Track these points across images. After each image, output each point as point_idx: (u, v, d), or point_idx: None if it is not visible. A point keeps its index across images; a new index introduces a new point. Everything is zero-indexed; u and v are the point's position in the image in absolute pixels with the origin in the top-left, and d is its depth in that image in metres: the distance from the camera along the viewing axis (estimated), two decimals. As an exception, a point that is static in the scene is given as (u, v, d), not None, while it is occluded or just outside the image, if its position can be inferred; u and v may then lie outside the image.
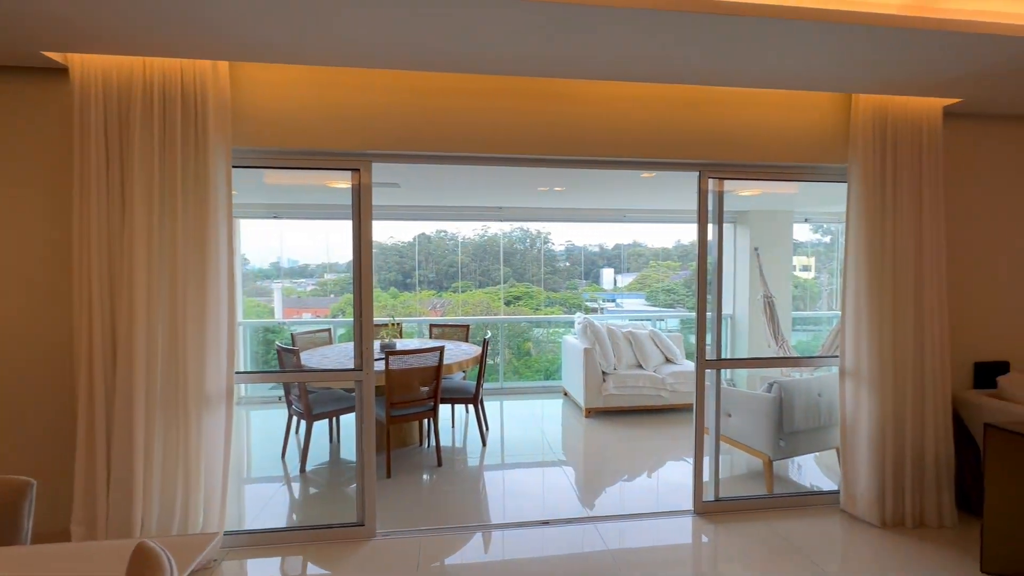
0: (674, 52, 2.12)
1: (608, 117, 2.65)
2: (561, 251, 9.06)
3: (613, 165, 2.78)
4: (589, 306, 8.77)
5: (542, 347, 7.46)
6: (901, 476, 2.71)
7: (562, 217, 6.01)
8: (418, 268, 8.58)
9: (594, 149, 2.64)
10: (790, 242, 5.50)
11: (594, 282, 9.17)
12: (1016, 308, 3.04)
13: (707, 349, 2.89)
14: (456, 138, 2.53)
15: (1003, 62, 2.23)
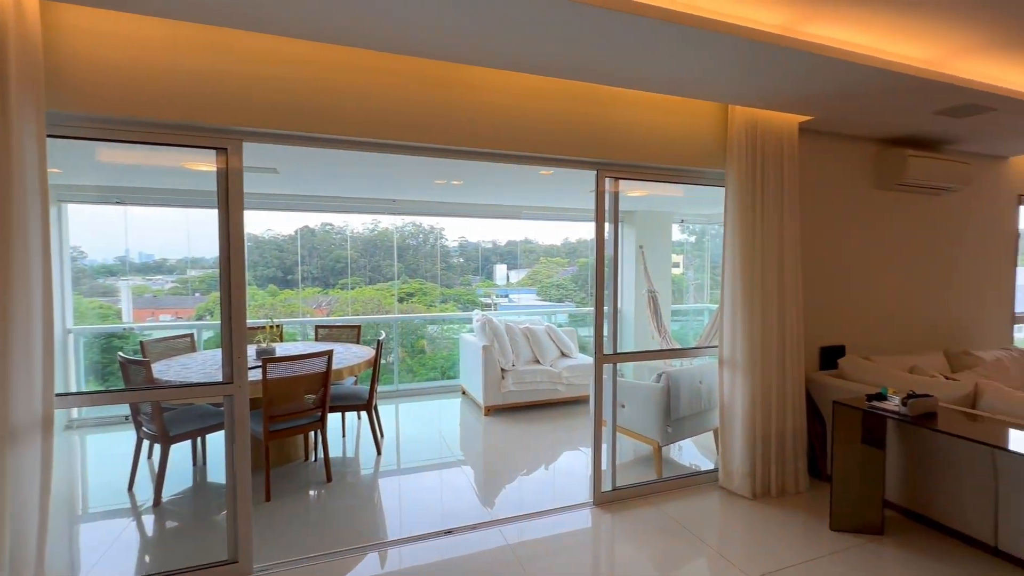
0: (568, 44, 2.11)
1: (512, 110, 2.58)
2: (455, 247, 8.95)
3: (515, 160, 2.72)
4: (483, 302, 8.78)
5: (437, 344, 7.28)
6: (768, 451, 3.03)
7: (458, 212, 5.88)
8: (301, 264, 7.89)
9: (496, 142, 2.55)
10: (670, 241, 5.97)
11: (487, 278, 9.21)
12: (851, 300, 3.57)
13: (604, 343, 2.97)
14: (347, 120, 2.28)
15: (847, 85, 2.56)
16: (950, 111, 2.93)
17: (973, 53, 2.41)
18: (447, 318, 7.42)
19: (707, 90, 2.64)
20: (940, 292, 3.95)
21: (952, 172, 3.55)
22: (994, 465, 2.37)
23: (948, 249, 3.96)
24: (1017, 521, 2.31)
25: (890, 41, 2.31)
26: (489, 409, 4.68)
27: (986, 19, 2.08)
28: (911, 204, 3.77)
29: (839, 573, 2.31)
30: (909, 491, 2.75)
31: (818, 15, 2.08)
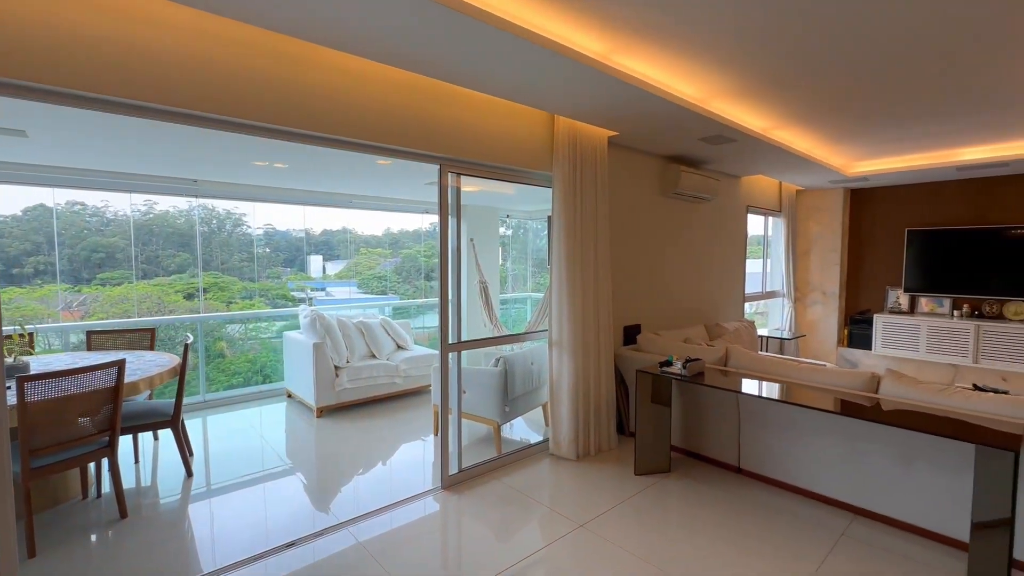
0: (409, 35, 2.14)
1: (357, 96, 2.47)
2: (260, 235, 8.01)
3: (356, 147, 2.61)
4: (296, 296, 8.08)
5: (239, 346, 6.45)
6: (588, 418, 3.54)
7: (271, 197, 5.30)
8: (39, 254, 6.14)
9: (333, 126, 2.42)
10: (497, 235, 6.36)
11: (301, 270, 8.50)
12: (643, 287, 4.34)
13: (449, 333, 3.08)
14: (140, 82, 1.91)
15: (643, 109, 3.11)
16: (708, 139, 3.78)
17: (724, 96, 3.17)
18: (263, 315, 6.65)
19: (536, 99, 2.92)
20: (701, 279, 5.08)
21: (708, 185, 4.59)
22: (738, 406, 3.20)
23: (705, 245, 5.10)
24: (751, 446, 3.16)
25: (674, 79, 2.89)
26: (322, 410, 4.39)
27: (730, 72, 2.76)
28: (682, 209, 4.75)
29: (642, 506, 2.85)
30: (686, 435, 3.52)
31: (626, 48, 2.50)
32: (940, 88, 2.94)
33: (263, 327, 6.42)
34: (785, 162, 4.73)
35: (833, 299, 6.54)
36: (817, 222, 6.63)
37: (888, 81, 2.82)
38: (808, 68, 2.65)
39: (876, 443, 2.64)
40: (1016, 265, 5.34)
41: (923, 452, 2.50)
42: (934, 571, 2.28)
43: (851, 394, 2.70)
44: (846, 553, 2.42)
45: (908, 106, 3.27)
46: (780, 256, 6.48)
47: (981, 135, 4.08)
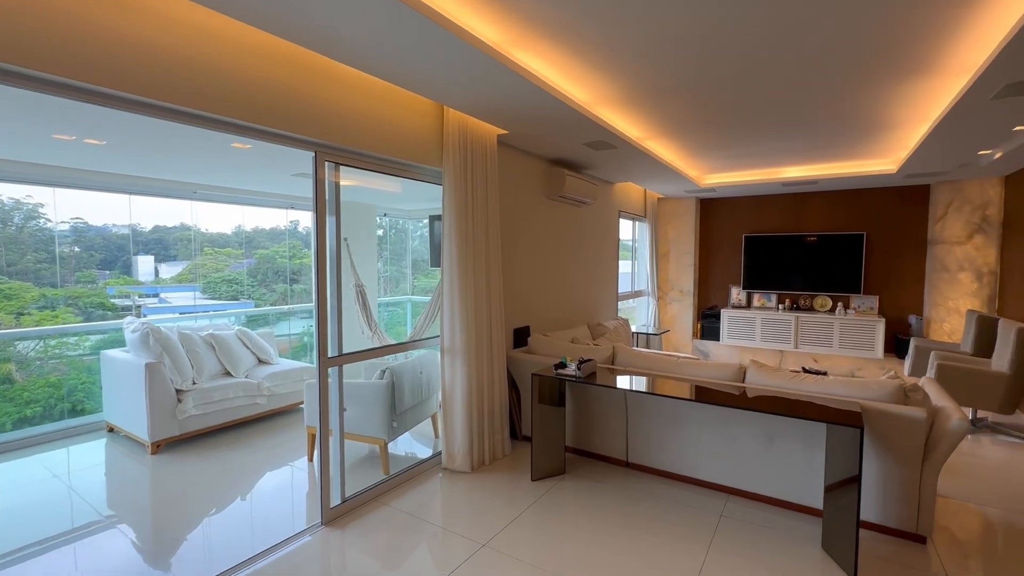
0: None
1: (206, 56, 2.00)
2: (65, 231, 6.46)
3: (205, 123, 2.13)
4: (119, 304, 6.71)
5: (35, 368, 5.11)
6: (482, 426, 3.39)
7: (80, 183, 4.25)
8: None
9: (172, 93, 1.93)
10: (375, 234, 5.91)
11: (124, 273, 7.06)
12: (531, 287, 4.33)
13: (329, 345, 2.69)
14: None
15: (534, 107, 3.06)
16: (592, 144, 3.89)
17: (609, 103, 3.26)
18: (68, 330, 5.31)
19: (427, 86, 2.69)
20: (583, 280, 5.26)
21: (589, 190, 4.76)
22: (625, 403, 3.31)
23: (585, 247, 5.30)
24: (638, 440, 3.30)
25: (566, 82, 2.87)
26: (159, 445, 3.60)
27: (617, 79, 2.84)
28: (565, 212, 4.86)
29: (541, 514, 2.79)
30: (578, 435, 3.56)
31: (523, 42, 2.40)
32: (777, 116, 3.36)
33: (71, 343, 5.14)
34: (653, 171, 5.11)
35: (688, 296, 7.31)
36: (674, 227, 7.35)
37: (739, 104, 3.14)
38: (679, 84, 2.82)
39: (744, 427, 2.91)
40: (819, 265, 6.47)
41: (782, 432, 2.81)
42: (796, 538, 2.56)
43: (723, 384, 2.94)
44: (727, 532, 2.61)
45: (751, 128, 3.71)
46: (645, 258, 7.05)
47: (800, 157, 4.82)
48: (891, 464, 2.53)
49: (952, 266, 5.70)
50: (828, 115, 3.42)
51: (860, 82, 2.82)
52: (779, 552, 2.45)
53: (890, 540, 2.55)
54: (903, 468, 2.50)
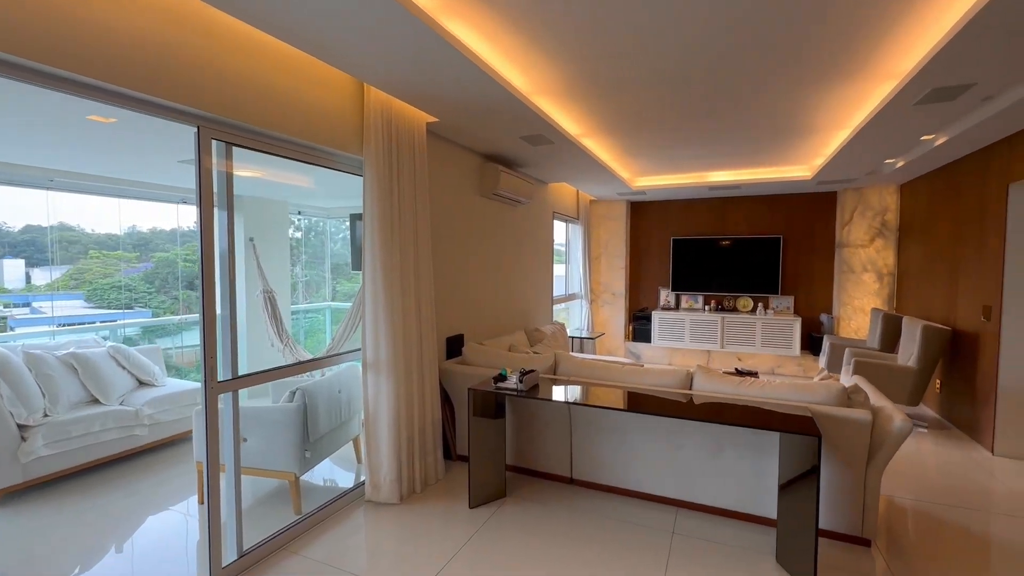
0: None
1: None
2: None
3: (42, 79, 1.60)
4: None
5: None
6: (412, 449, 3.00)
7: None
8: None
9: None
10: (287, 234, 5.28)
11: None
12: (464, 293, 3.99)
13: (219, 367, 2.19)
14: None
15: (470, 88, 2.74)
16: (529, 138, 3.64)
17: (548, 94, 3.02)
18: None
19: (341, 55, 2.28)
20: (519, 283, 5.00)
21: (525, 188, 4.51)
22: (569, 415, 3.08)
23: (521, 249, 5.05)
24: (582, 455, 3.07)
25: (505, 64, 2.59)
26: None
27: (558, 66, 2.60)
28: (501, 212, 4.58)
29: (481, 550, 2.46)
30: (520, 452, 3.28)
31: (455, 9, 2.08)
32: (710, 118, 3.31)
33: None
34: (589, 171, 4.97)
35: (620, 299, 7.31)
36: (606, 230, 7.33)
37: (674, 104, 3.03)
38: (620, 79, 2.64)
39: (692, 437, 2.78)
40: (741, 267, 6.72)
41: (731, 440, 2.70)
42: (751, 552, 2.44)
43: (671, 392, 2.78)
44: (682, 552, 2.43)
45: (684, 129, 3.65)
46: (578, 260, 6.96)
47: (727, 161, 4.91)
48: (838, 468, 2.48)
49: (857, 267, 6.11)
50: (757, 118, 3.42)
51: (790, 85, 2.80)
52: (734, 569, 2.31)
53: (838, 545, 2.51)
54: (849, 471, 2.46)
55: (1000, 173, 3.68)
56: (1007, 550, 2.50)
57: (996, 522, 2.76)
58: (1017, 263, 3.53)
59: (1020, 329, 3.53)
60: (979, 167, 4.00)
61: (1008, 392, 3.58)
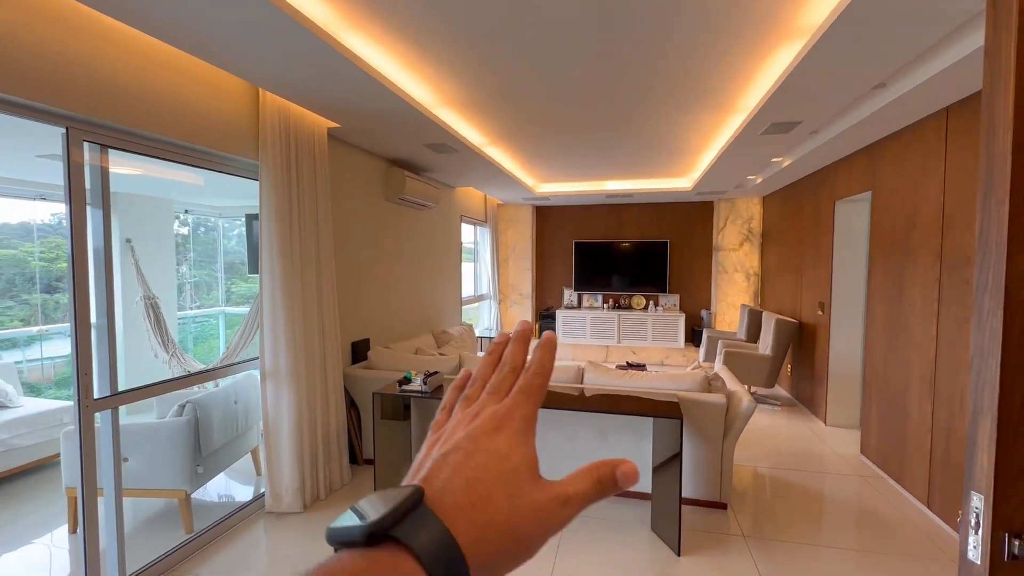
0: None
1: None
2: None
3: None
4: None
5: None
6: (315, 457, 2.98)
7: None
8: None
9: None
10: (172, 235, 4.88)
11: None
12: (370, 297, 4.00)
13: (95, 382, 2.06)
14: None
15: (370, 101, 2.80)
16: (433, 146, 3.74)
17: (452, 105, 3.15)
18: None
19: (235, 62, 2.24)
20: (425, 286, 5.07)
21: (430, 193, 4.60)
22: (473, 413, 3.23)
23: (427, 252, 5.12)
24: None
25: (406, 78, 2.67)
26: None
27: (460, 81, 2.74)
28: (406, 216, 4.62)
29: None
30: (425, 451, 3.37)
31: (358, 24, 2.14)
32: (602, 131, 3.66)
33: None
34: (493, 177, 5.17)
35: (527, 299, 7.64)
36: (514, 232, 7.62)
37: (570, 118, 3.33)
38: (518, 92, 2.85)
39: (583, 426, 3.07)
40: (635, 268, 7.35)
41: (614, 426, 3.02)
42: (630, 524, 2.76)
43: (565, 387, 3.05)
44: (572, 530, 2.70)
45: (580, 140, 3.98)
46: (487, 262, 7.16)
47: (619, 171, 5.37)
48: (700, 444, 2.89)
49: (730, 268, 6.96)
50: (642, 134, 3.83)
51: (665, 110, 3.19)
52: (617, 539, 2.61)
53: (702, 511, 2.92)
54: (709, 446, 2.88)
55: (830, 191, 4.44)
56: (831, 502, 3.08)
57: (824, 480, 3.37)
58: (841, 265, 4.29)
59: (843, 321, 4.30)
60: (815, 185, 4.78)
61: (836, 372, 4.35)
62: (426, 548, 0.26)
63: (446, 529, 0.27)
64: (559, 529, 0.30)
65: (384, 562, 0.26)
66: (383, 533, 0.26)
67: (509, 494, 0.30)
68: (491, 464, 0.31)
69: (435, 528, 0.27)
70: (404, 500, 0.27)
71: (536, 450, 0.33)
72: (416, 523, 0.27)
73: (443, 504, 0.28)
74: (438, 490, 0.29)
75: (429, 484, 0.30)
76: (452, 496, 0.29)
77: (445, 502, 0.28)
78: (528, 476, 0.31)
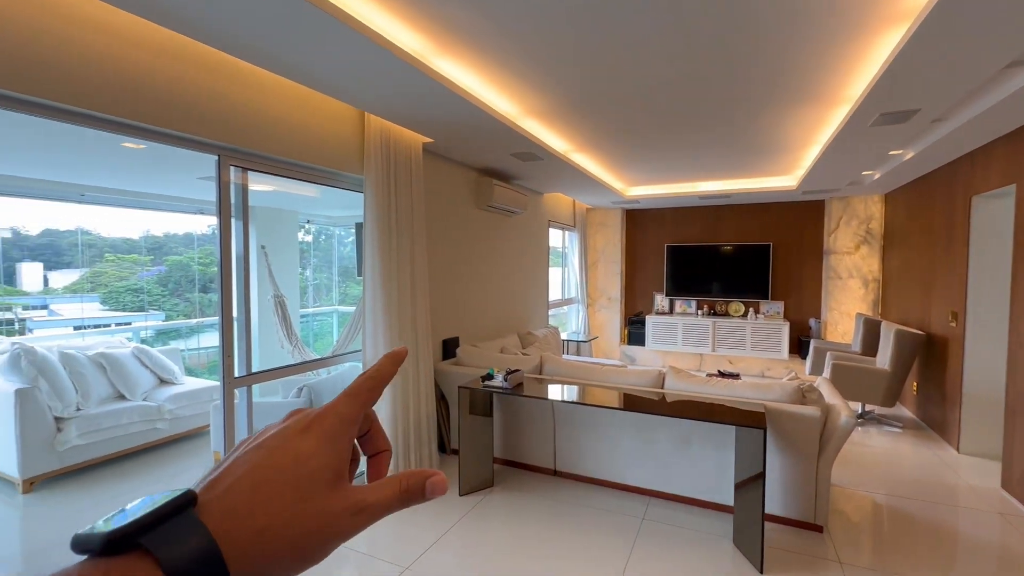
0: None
1: (97, 53, 1.79)
2: (-73, 235, 5.60)
3: (81, 119, 1.91)
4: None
5: None
6: (407, 441, 3.28)
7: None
8: None
9: (46, 87, 1.72)
10: (296, 242, 5.60)
11: (6, 283, 6.24)
12: (460, 298, 4.28)
13: (236, 364, 2.49)
14: None
15: (458, 116, 3.04)
16: (519, 155, 3.92)
17: (535, 115, 3.30)
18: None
19: (344, 92, 2.59)
20: (512, 289, 5.28)
21: (518, 200, 4.79)
22: (552, 412, 3.34)
23: (515, 257, 5.33)
24: (565, 448, 3.34)
25: (491, 93, 2.87)
26: (33, 481, 3.16)
27: (543, 93, 2.88)
28: (496, 222, 4.87)
29: (467, 531, 2.73)
30: (507, 446, 3.55)
31: (446, 50, 2.37)
32: (693, 134, 3.57)
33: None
34: (580, 182, 5.24)
35: (616, 303, 7.56)
36: (602, 237, 7.59)
37: (659, 121, 3.30)
38: (604, 99, 2.91)
39: (663, 431, 3.03)
40: (733, 273, 6.95)
41: (697, 435, 2.95)
42: (710, 535, 2.68)
43: (644, 391, 3.04)
44: (648, 534, 2.69)
45: (670, 144, 3.91)
46: (575, 266, 7.22)
47: (713, 172, 5.16)
48: (791, 460, 2.72)
49: (843, 274, 6.31)
50: (737, 134, 3.68)
51: (761, 107, 3.05)
52: (695, 550, 2.56)
53: (792, 531, 2.74)
54: (802, 463, 2.70)
55: (965, 186, 3.90)
56: (961, 540, 2.73)
57: (953, 515, 2.98)
58: (978, 270, 3.74)
59: (981, 333, 3.74)
60: (947, 180, 4.21)
61: (971, 393, 3.79)
62: (177, 558, 0.24)
63: (211, 538, 0.25)
64: (346, 538, 0.30)
65: (118, 573, 0.24)
66: (125, 541, 0.25)
67: (297, 498, 0.29)
68: (286, 465, 0.30)
69: (195, 536, 0.25)
70: (162, 507, 0.26)
71: (347, 453, 0.32)
72: (172, 531, 0.25)
73: (217, 510, 0.27)
74: (219, 493, 0.28)
75: (214, 486, 0.28)
76: (232, 499, 0.28)
77: (222, 507, 0.27)
78: (326, 481, 0.30)
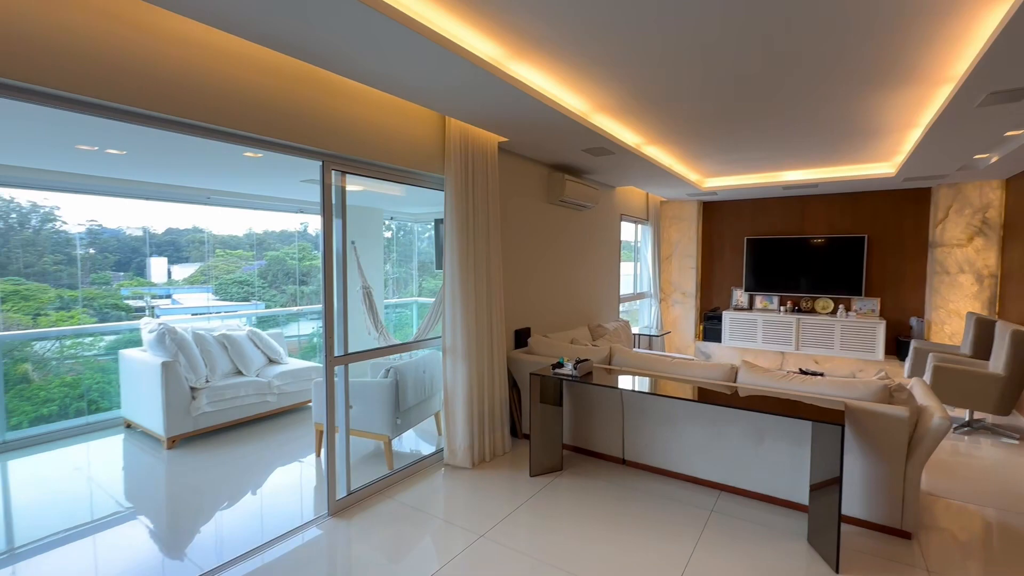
0: (291, 13, 1.93)
1: (221, 75, 2.14)
2: (82, 234, 6.66)
3: (217, 135, 2.27)
4: (132, 304, 6.90)
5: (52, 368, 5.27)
6: (482, 423, 3.50)
7: (95, 188, 4.42)
8: None
9: (191, 109, 2.08)
10: (382, 237, 6.06)
11: (138, 275, 7.27)
12: (532, 290, 4.44)
13: (335, 345, 2.82)
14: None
15: (531, 116, 3.18)
16: (591, 150, 4.00)
17: (605, 111, 3.37)
18: (85, 331, 5.49)
19: (429, 99, 2.82)
20: (583, 282, 5.36)
21: (589, 194, 4.86)
22: (621, 402, 3.41)
23: (586, 250, 5.40)
24: (634, 438, 3.40)
25: (563, 91, 2.99)
26: (175, 440, 3.76)
27: (612, 88, 2.94)
28: (566, 216, 4.97)
29: (537, 508, 2.90)
30: (576, 433, 3.67)
31: (520, 55, 2.52)
32: (774, 121, 3.45)
33: (86, 344, 5.31)
34: (652, 175, 5.20)
35: (691, 298, 7.37)
36: (677, 230, 7.42)
37: (738, 112, 3.23)
38: (678, 93, 2.92)
39: (735, 426, 3.00)
40: (821, 267, 6.52)
41: (771, 430, 2.89)
42: (782, 532, 2.64)
43: (715, 384, 3.03)
44: (716, 527, 2.70)
45: (749, 134, 3.79)
46: (647, 260, 7.13)
47: (800, 160, 4.89)
48: (875, 461, 2.60)
49: (953, 268, 5.73)
50: (824, 120, 3.50)
51: (852, 90, 2.90)
52: (765, 545, 2.54)
53: (875, 535, 2.63)
54: (887, 465, 2.58)
55: (1103, 168, 3.43)
56: (1066, 556, 2.48)
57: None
58: (1119, 265, 3.29)
59: (1121, 336, 3.29)
60: (1082, 162, 3.72)
61: (1106, 403, 3.35)
62: None
63: None
64: None
65: None
66: None
67: None
68: None
69: None
70: None
71: None
72: None
73: None
74: None
75: None
76: None
77: None
78: None
